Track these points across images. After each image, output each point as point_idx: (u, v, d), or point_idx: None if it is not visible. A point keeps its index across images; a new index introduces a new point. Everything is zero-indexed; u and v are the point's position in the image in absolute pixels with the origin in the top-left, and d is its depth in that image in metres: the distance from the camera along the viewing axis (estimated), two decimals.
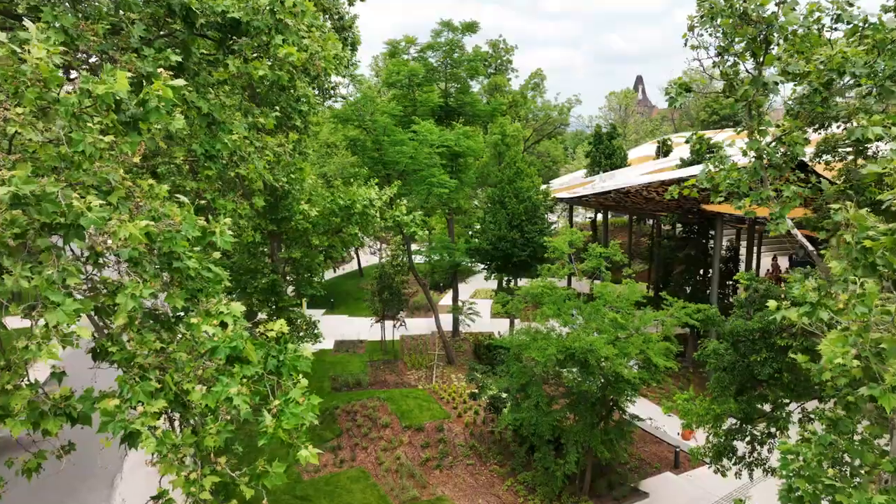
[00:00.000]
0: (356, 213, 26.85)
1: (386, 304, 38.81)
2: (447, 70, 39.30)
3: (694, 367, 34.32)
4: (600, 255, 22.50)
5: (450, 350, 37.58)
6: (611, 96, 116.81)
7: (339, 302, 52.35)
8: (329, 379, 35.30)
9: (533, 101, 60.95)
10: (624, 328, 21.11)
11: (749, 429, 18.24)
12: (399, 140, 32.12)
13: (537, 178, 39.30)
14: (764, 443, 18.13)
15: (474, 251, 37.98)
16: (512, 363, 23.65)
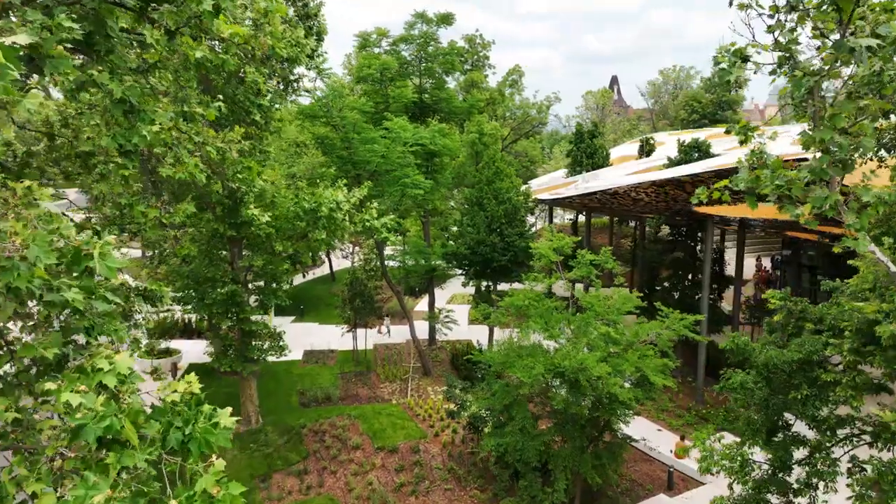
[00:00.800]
0: (323, 217, 24.62)
1: (358, 312, 36.60)
2: (422, 64, 37.17)
3: (682, 376, 32.63)
4: (590, 263, 20.57)
5: (426, 360, 35.45)
6: (588, 96, 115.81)
7: (309, 308, 49.87)
8: (297, 393, 32.98)
9: (511, 99, 59.07)
10: (617, 343, 19.19)
11: (783, 478, 15.72)
12: (370, 138, 29.93)
13: (517, 179, 37.38)
14: (803, 494, 15.47)
15: (451, 255, 35.90)
16: (493, 381, 21.61)
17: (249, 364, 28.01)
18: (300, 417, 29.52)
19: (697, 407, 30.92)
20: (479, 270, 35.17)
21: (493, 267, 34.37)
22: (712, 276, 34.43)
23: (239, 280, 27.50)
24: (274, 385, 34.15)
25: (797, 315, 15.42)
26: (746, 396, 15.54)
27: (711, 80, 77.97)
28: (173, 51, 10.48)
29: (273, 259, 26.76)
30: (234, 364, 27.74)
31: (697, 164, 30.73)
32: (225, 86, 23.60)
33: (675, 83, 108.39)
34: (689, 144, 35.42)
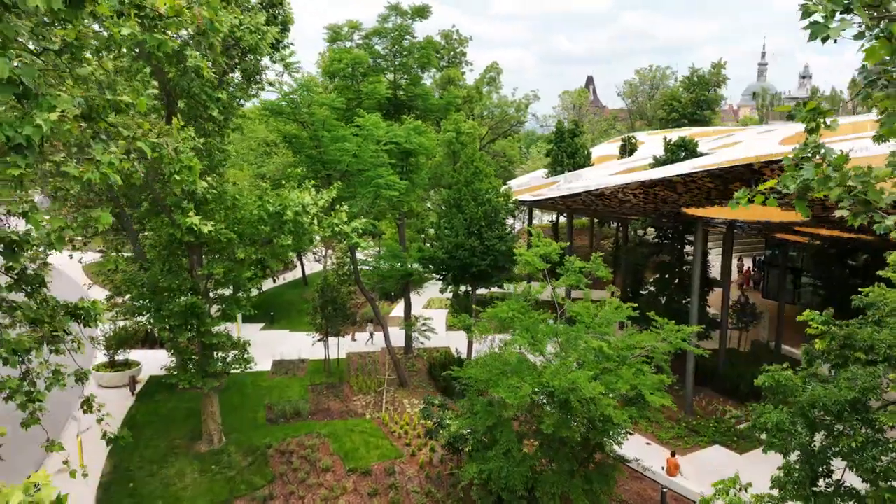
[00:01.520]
0: (289, 221, 22.67)
1: (329, 319, 34.64)
2: (396, 59, 35.35)
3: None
4: (580, 271, 18.92)
5: (402, 371, 33.60)
6: (564, 95, 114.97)
7: (279, 315, 47.70)
8: (264, 408, 30.92)
9: (488, 97, 57.41)
10: (610, 359, 17.56)
11: None
12: (341, 136, 28.01)
13: (497, 180, 35.69)
14: None
15: (428, 260, 34.09)
16: (475, 397, 19.85)
17: (210, 379, 25.92)
18: (266, 436, 27.48)
19: (687, 418, 29.51)
20: (458, 276, 33.41)
21: (472, 272, 32.63)
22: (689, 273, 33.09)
23: (199, 289, 25.40)
24: (239, 399, 32.06)
25: (841, 342, 13.50)
26: (784, 440, 13.40)
27: (690, 80, 77.29)
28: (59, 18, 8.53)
29: (235, 266, 24.69)
30: (193, 380, 25.63)
31: (686, 163, 29.32)
32: (180, 78, 21.57)
33: (651, 83, 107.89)
34: (676, 143, 34.07)
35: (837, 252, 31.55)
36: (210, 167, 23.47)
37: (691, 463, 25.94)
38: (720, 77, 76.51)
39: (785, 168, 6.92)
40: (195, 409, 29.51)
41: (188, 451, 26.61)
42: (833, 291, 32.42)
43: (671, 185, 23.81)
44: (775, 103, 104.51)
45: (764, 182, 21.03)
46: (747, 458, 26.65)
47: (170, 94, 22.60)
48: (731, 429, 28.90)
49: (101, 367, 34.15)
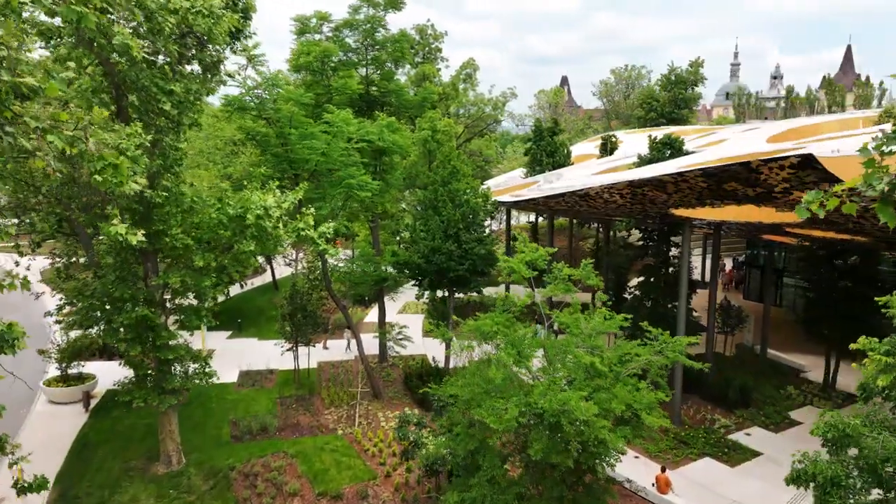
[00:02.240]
0: (251, 226, 20.80)
1: (299, 328, 32.74)
2: (368, 53, 33.58)
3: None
4: (568, 278, 17.37)
5: (375, 382, 31.83)
6: (540, 94, 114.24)
7: (248, 322, 45.61)
8: (229, 423, 28.94)
9: (465, 95, 55.81)
10: (603, 375, 16.03)
11: None
12: (309, 133, 26.18)
13: (475, 180, 34.11)
14: None
15: (403, 265, 32.37)
16: (455, 416, 18.20)
17: (168, 396, 23.92)
18: (230, 455, 25.57)
19: (676, 429, 28.16)
20: (434, 281, 31.74)
21: (449, 277, 30.99)
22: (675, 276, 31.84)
23: (154, 300, 23.39)
24: (202, 414, 30.03)
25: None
26: (842, 497, 11.61)
27: (668, 78, 76.53)
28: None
29: (193, 275, 22.72)
30: (149, 397, 23.63)
31: (672, 162, 28.07)
32: (128, 68, 19.59)
33: (626, 82, 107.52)
34: (662, 141, 32.83)
35: (826, 253, 30.49)
36: (164, 167, 21.50)
37: (682, 477, 24.59)
38: (698, 76, 75.90)
39: (864, 163, 5.34)
40: (155, 426, 27.42)
41: (144, 474, 24.57)
42: (822, 293, 31.38)
43: (661, 185, 22.43)
44: (751, 102, 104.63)
45: (761, 181, 19.51)
46: (739, 471, 25.41)
47: (119, 86, 20.60)
48: (721, 439, 27.67)
49: (52, 381, 31.87)
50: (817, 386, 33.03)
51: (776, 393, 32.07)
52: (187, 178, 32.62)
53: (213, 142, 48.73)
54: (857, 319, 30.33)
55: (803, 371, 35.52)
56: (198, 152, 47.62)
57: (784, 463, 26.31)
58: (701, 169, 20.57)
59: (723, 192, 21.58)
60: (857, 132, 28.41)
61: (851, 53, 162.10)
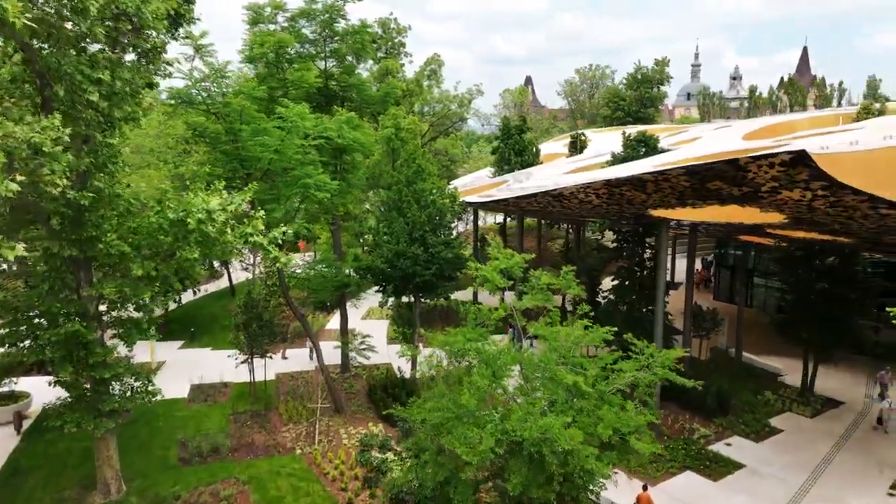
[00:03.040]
0: (195, 231, 18.70)
1: (254, 338, 30.55)
2: (327, 45, 31.55)
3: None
4: (547, 287, 15.73)
5: (337, 395, 29.84)
6: (505, 93, 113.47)
7: (202, 330, 43.07)
8: (177, 444, 26.65)
9: (429, 92, 54.00)
10: (586, 396, 14.43)
11: None
12: (262, 129, 24.09)
13: (441, 180, 32.36)
14: None
15: (365, 270, 30.44)
16: (424, 441, 16.41)
17: (105, 420, 21.63)
18: (176, 481, 23.36)
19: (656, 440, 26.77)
20: (399, 287, 29.88)
21: (415, 282, 29.18)
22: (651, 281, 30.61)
23: (88, 313, 21.08)
24: (148, 434, 27.68)
25: None
26: None
27: (634, 77, 75.92)
28: None
29: (131, 284, 20.48)
30: (83, 421, 21.30)
31: (646, 160, 26.74)
32: (49, 54, 17.34)
33: (591, 82, 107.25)
34: (636, 138, 31.57)
35: (805, 254, 29.54)
36: (96, 165, 19.25)
37: (664, 494, 23.25)
38: (663, 75, 75.49)
39: None
40: (92, 448, 25.05)
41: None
42: (800, 295, 30.44)
43: (641, 185, 21.00)
44: (715, 102, 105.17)
45: (748, 180, 18.09)
46: (723, 485, 24.18)
47: (42, 75, 18.27)
48: (701, 451, 26.44)
49: None
50: (795, 390, 32.14)
51: (754, 399, 31.06)
52: (132, 180, 30.27)
53: (164, 140, 46.04)
54: (835, 321, 29.52)
55: (780, 375, 34.66)
56: (148, 151, 44.95)
57: (767, 475, 25.35)
58: (684, 167, 19.16)
59: (706, 191, 20.24)
60: (835, 129, 27.50)
61: (808, 55, 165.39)
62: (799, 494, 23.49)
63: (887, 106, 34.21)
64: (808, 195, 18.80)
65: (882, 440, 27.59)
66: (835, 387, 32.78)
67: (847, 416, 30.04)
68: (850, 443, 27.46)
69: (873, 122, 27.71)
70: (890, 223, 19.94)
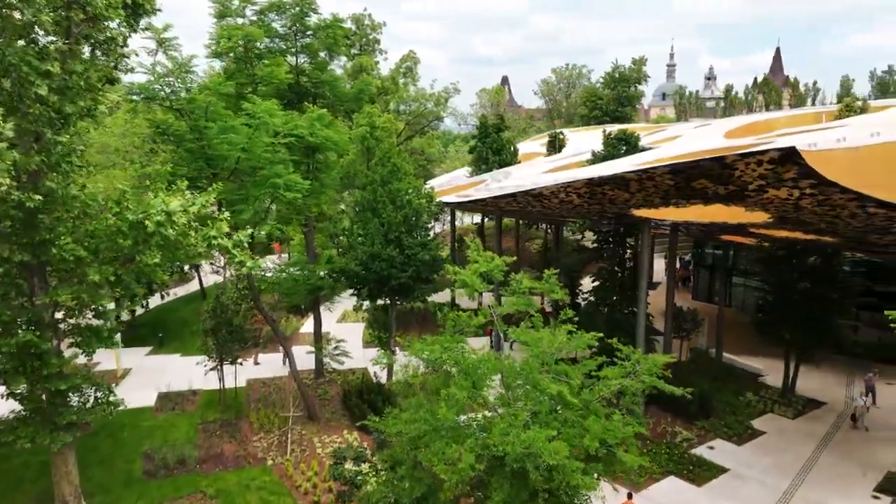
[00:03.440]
0: (157, 234, 17.60)
1: (223, 344, 29.40)
2: (298, 40, 30.46)
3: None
4: (529, 291, 14.94)
5: (310, 403, 28.81)
6: (482, 93, 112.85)
7: (171, 335, 41.67)
8: (142, 457, 25.43)
9: (405, 90, 52.99)
10: (571, 406, 13.66)
11: None
12: (229, 126, 23.00)
13: (417, 180, 31.47)
14: None
15: (339, 272, 29.46)
16: (400, 454, 15.52)
17: (62, 433, 20.37)
18: (140, 496, 22.23)
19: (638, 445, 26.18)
20: (374, 290, 28.93)
21: (391, 285, 28.26)
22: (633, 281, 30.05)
23: (42, 321, 19.83)
24: (111, 446, 26.40)
25: None
26: None
27: (612, 76, 75.67)
28: None
29: (89, 290, 19.30)
30: (38, 435, 20.04)
31: (630, 158, 26.14)
32: None
33: (568, 81, 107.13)
34: (617, 136, 31.00)
35: (786, 254, 29.18)
36: (48, 164, 18.03)
37: (648, 501, 22.70)
38: (641, 74, 75.37)
39: None
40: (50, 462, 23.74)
41: None
42: (781, 295, 30.08)
43: (624, 184, 20.33)
44: (692, 102, 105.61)
45: (735, 178, 17.48)
46: (707, 490, 23.68)
47: None
48: (684, 454, 25.93)
49: None
50: (776, 391, 31.82)
51: (736, 400, 30.67)
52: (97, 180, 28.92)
53: (130, 139, 44.54)
54: (817, 321, 29.22)
55: (760, 375, 34.37)
56: (113, 151, 43.44)
57: (751, 479, 24.89)
58: (669, 165, 18.52)
59: (691, 190, 19.63)
60: (818, 127, 27.14)
61: (780, 55, 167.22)
62: (784, 499, 23.06)
63: (869, 104, 34.15)
64: (795, 193, 18.28)
65: (864, 441, 27.31)
66: (815, 387, 32.53)
67: (828, 417, 29.75)
68: (833, 444, 27.15)
69: (857, 119, 27.44)
70: (877, 222, 19.51)
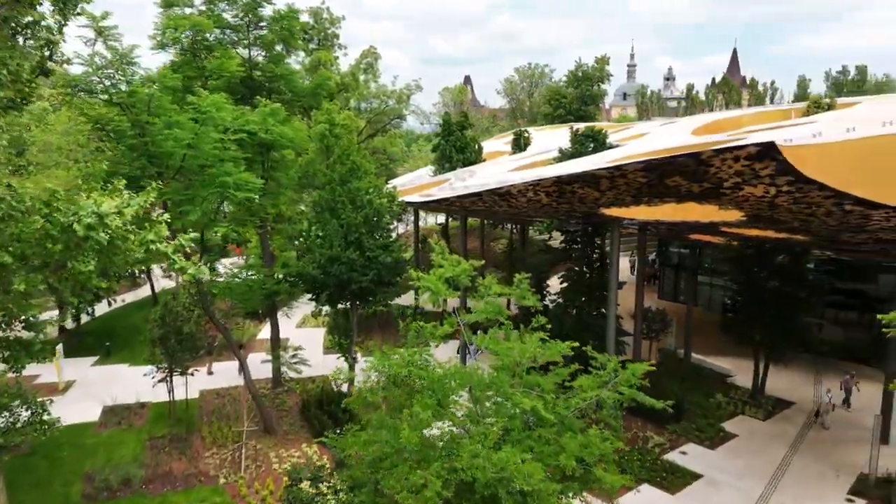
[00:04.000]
0: (90, 238, 15.96)
1: (173, 354, 27.66)
2: (251, 31, 28.88)
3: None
4: (498, 295, 13.80)
5: (267, 415, 27.30)
6: (445, 92, 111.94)
7: (120, 344, 39.55)
8: (82, 479, 23.62)
9: (366, 86, 51.54)
10: (546, 422, 12.57)
11: None
12: (174, 122, 21.37)
13: (378, 178, 30.13)
14: None
15: (297, 276, 27.99)
16: (360, 476, 14.23)
17: None
18: None
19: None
20: (334, 295, 27.52)
21: (351, 289, 26.90)
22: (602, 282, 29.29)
23: None
24: (48, 467, 24.50)
25: None
26: None
27: (575, 74, 75.30)
28: None
29: (15, 300, 17.52)
30: None
31: (599, 155, 25.29)
32: None
33: (530, 81, 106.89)
34: (584, 133, 30.16)
35: (756, 252, 28.71)
36: None
37: None
38: (604, 72, 75.19)
39: None
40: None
41: None
42: (751, 294, 29.61)
43: (594, 182, 19.39)
44: (654, 101, 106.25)
45: (710, 175, 16.59)
46: (681, 498, 22.94)
47: None
48: (657, 461, 25.19)
49: None
50: (746, 392, 31.39)
51: (706, 402, 30.13)
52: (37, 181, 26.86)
53: (74, 137, 42.09)
54: (785, 320, 28.83)
55: (729, 375, 33.95)
56: (56, 149, 40.99)
57: (725, 484, 24.23)
58: (642, 162, 17.61)
59: (664, 188, 18.78)
60: (786, 123, 26.70)
61: (737, 56, 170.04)
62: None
63: (836, 101, 34.10)
64: (772, 191, 17.55)
65: (835, 442, 26.96)
66: (784, 387, 32.21)
67: (798, 417, 29.40)
68: (805, 445, 26.74)
69: (826, 115, 27.10)
70: (852, 220, 18.93)
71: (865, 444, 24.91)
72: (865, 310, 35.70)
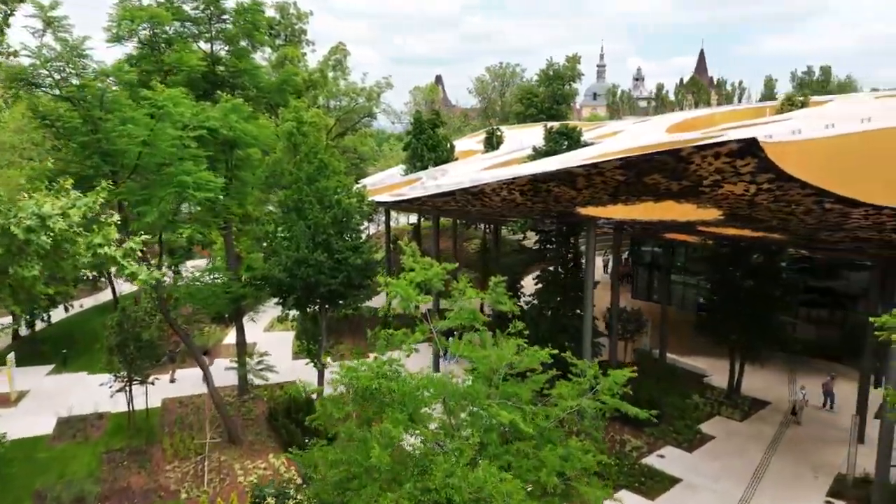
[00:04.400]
0: (34, 242, 14.80)
1: (132, 361, 26.38)
2: (213, 24, 27.65)
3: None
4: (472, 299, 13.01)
5: (231, 424, 26.17)
6: (416, 91, 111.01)
7: (80, 351, 37.88)
8: (32, 497, 22.25)
9: (335, 84, 50.41)
10: (525, 436, 11.82)
11: None
12: (128, 118, 20.17)
13: (347, 177, 29.16)
14: None
15: (262, 279, 26.90)
16: (327, 495, 13.32)
17: None
18: None
19: None
20: (301, 298, 26.49)
21: (320, 293, 25.90)
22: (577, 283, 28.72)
23: None
24: None
25: None
26: None
27: (546, 73, 74.97)
28: None
29: None
30: None
31: (575, 153, 24.69)
32: None
33: (501, 80, 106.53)
34: (559, 131, 29.58)
35: (731, 251, 28.41)
36: None
37: None
38: (575, 72, 75.01)
39: None
40: None
41: None
42: (726, 294, 29.30)
43: (571, 180, 18.74)
44: (625, 101, 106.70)
45: (690, 173, 15.98)
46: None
47: None
48: (635, 465, 24.65)
49: None
50: (722, 392, 31.12)
51: (682, 403, 29.74)
52: None
53: (27, 135, 40.30)
54: (761, 319, 28.59)
55: (705, 375, 33.68)
56: (8, 148, 39.19)
57: (704, 488, 23.80)
58: (620, 159, 16.98)
59: (642, 186, 18.20)
60: (763, 120, 26.42)
61: (705, 57, 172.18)
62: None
63: (810, 98, 34.07)
64: (752, 189, 17.07)
65: (812, 442, 26.76)
66: (759, 386, 32.03)
67: (775, 417, 29.18)
68: (782, 446, 26.49)
69: (801, 112, 26.89)
70: (831, 218, 18.56)
71: (842, 444, 24.74)
72: (837, 307, 35.82)
